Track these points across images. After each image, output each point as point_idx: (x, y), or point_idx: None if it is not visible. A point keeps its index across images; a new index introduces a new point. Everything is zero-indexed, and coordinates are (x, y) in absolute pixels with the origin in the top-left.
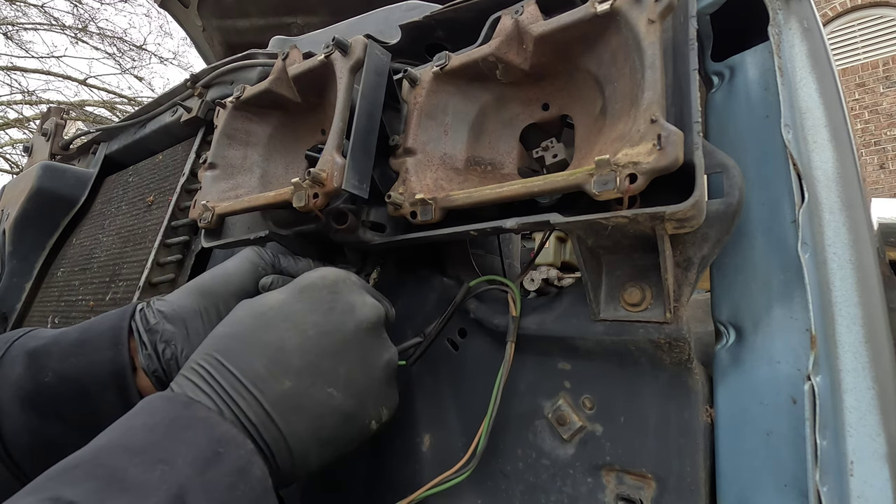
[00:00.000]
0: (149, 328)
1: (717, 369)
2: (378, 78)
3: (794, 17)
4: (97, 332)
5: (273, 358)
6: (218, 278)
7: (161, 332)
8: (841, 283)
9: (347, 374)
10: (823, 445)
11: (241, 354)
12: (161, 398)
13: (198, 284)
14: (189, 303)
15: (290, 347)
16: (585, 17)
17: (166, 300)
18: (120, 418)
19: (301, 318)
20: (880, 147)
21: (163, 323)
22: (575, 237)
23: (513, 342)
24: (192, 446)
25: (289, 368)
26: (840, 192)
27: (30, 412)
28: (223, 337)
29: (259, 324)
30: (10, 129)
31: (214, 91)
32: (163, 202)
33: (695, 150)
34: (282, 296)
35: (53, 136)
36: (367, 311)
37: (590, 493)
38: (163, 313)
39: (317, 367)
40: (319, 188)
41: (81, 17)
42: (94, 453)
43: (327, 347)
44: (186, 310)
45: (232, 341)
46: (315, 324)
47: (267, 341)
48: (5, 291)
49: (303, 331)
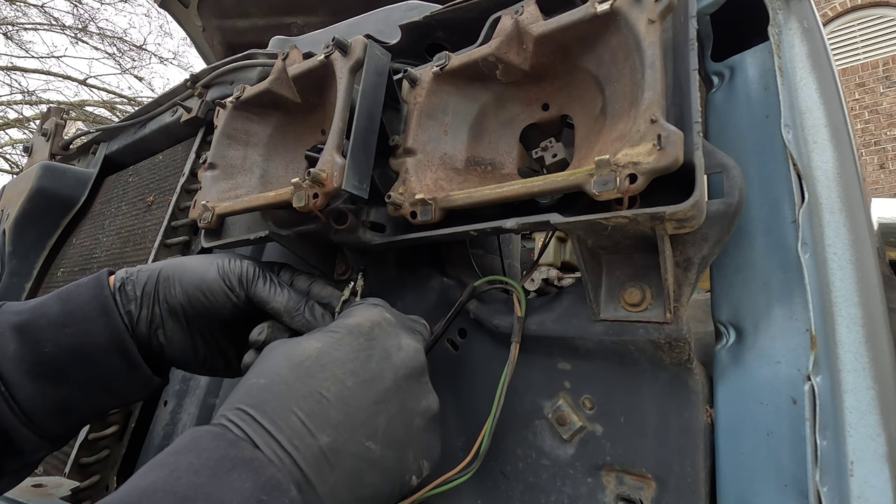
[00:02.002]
0: (128, 311)
1: (718, 369)
2: (378, 78)
3: (794, 17)
4: (79, 303)
5: (311, 411)
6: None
7: (136, 313)
8: (841, 283)
9: (387, 425)
10: (823, 446)
11: (277, 409)
12: (208, 434)
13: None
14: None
15: (328, 399)
16: (585, 17)
17: (139, 273)
18: (165, 452)
19: (339, 368)
20: (880, 147)
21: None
22: (575, 237)
23: (517, 342)
24: (238, 493)
25: (327, 422)
26: (840, 192)
27: (39, 379)
28: (257, 389)
29: (297, 374)
30: (10, 129)
31: (214, 91)
32: (163, 202)
33: (695, 150)
34: (319, 343)
35: (53, 136)
36: (405, 355)
37: (590, 493)
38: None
39: (356, 420)
40: (319, 188)
41: (81, 17)
42: (139, 497)
43: (366, 398)
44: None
45: (266, 394)
46: (353, 372)
47: (304, 393)
48: (5, 291)
49: (341, 381)
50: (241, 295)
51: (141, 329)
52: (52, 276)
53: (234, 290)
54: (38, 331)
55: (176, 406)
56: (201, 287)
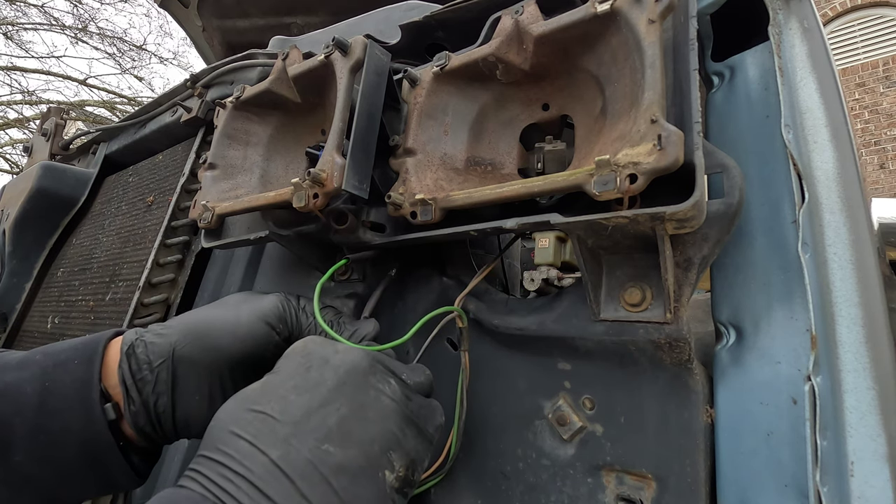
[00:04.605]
0: (140, 378)
1: (718, 369)
2: (378, 78)
3: (794, 17)
4: (61, 403)
5: (257, 431)
6: (226, 335)
7: (153, 381)
8: (841, 284)
9: (339, 425)
10: (824, 446)
11: (225, 440)
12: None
13: (201, 331)
14: (186, 352)
15: (273, 417)
16: (585, 17)
17: (158, 340)
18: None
19: (281, 388)
20: (880, 147)
21: (154, 371)
22: (575, 237)
23: (466, 351)
24: None
25: (275, 437)
26: (840, 192)
27: (4, 491)
28: (208, 431)
29: (242, 407)
30: (10, 129)
31: (214, 91)
32: (163, 202)
33: (695, 150)
34: (262, 379)
35: (53, 136)
36: (342, 356)
37: (590, 493)
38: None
39: (305, 427)
40: (319, 188)
41: (81, 17)
42: None
43: (311, 404)
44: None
45: (214, 432)
46: (295, 387)
47: (250, 419)
48: (5, 291)
49: (284, 398)
50: (283, 332)
51: (147, 399)
52: (52, 276)
53: (277, 329)
54: (10, 432)
55: None
56: (238, 335)
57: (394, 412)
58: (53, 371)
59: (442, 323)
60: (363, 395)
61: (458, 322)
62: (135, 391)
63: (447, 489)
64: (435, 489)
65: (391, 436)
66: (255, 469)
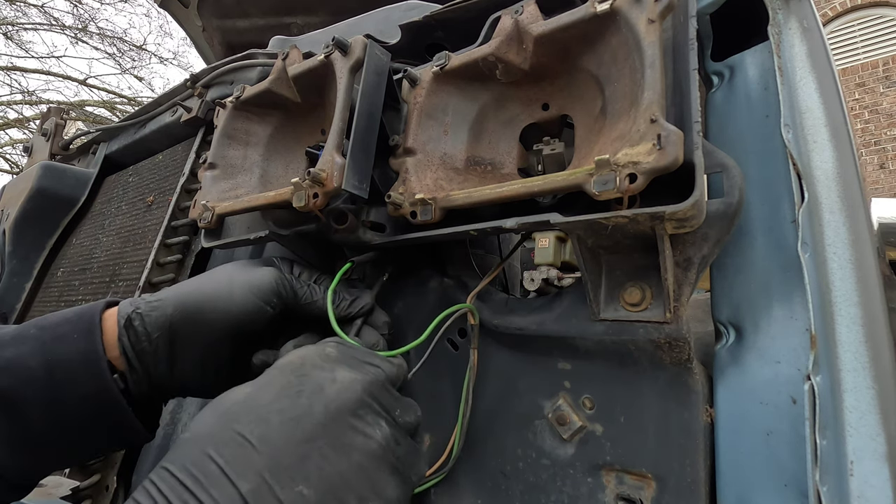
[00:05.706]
0: (140, 349)
1: (717, 369)
2: (378, 78)
3: (794, 17)
4: (67, 367)
5: (231, 457)
6: (219, 311)
7: (152, 352)
8: (841, 283)
9: (320, 466)
10: (823, 445)
11: (196, 460)
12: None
13: (195, 305)
14: (181, 326)
15: (251, 443)
16: (585, 16)
17: (153, 312)
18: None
19: (265, 408)
20: (880, 147)
21: (153, 343)
22: (575, 237)
23: (475, 348)
24: None
25: (249, 467)
26: (840, 191)
27: (24, 453)
28: (181, 443)
29: (221, 421)
30: (10, 129)
31: (214, 91)
32: (163, 202)
33: (695, 150)
34: (248, 388)
35: (53, 136)
36: (338, 387)
37: (590, 493)
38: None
39: (282, 462)
40: (319, 188)
41: (81, 17)
42: None
43: (293, 437)
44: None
45: (188, 446)
46: (280, 411)
47: (226, 439)
48: (5, 291)
49: (266, 420)
50: (277, 305)
51: (147, 367)
52: (52, 276)
53: (270, 304)
54: (24, 403)
55: (176, 406)
56: (231, 311)
57: (380, 460)
58: (53, 345)
59: (449, 322)
60: (350, 436)
61: (470, 318)
62: (136, 362)
63: (447, 489)
64: (435, 489)
65: (372, 485)
66: (220, 500)
